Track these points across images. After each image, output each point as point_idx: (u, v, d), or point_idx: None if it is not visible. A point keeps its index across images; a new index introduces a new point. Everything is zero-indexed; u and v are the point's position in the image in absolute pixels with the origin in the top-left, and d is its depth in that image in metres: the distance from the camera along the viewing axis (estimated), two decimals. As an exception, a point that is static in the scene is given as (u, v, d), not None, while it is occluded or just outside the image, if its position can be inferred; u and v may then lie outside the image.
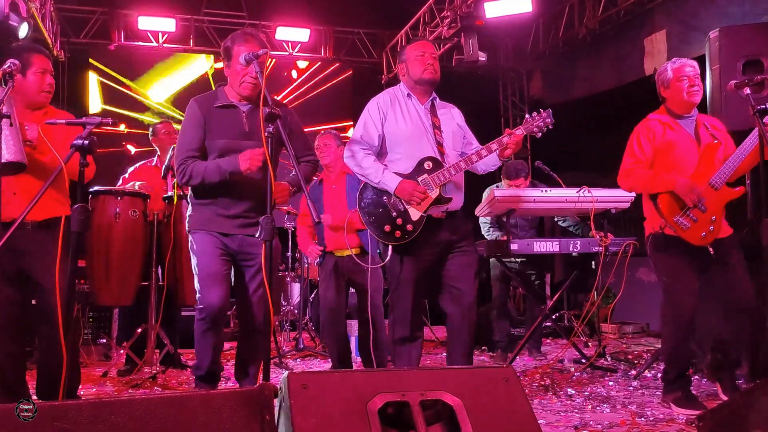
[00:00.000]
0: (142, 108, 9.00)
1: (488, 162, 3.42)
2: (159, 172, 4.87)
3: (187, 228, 3.24)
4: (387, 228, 3.28)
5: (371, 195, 3.35)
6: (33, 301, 4.58)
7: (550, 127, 3.35)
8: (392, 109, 3.40)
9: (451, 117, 3.50)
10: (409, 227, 3.27)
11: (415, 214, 3.27)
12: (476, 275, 3.37)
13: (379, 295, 4.40)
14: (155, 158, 5.10)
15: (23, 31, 5.94)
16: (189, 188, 3.35)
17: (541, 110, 3.36)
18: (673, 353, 3.54)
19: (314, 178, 4.11)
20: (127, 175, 5.09)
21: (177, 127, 4.37)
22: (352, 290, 4.62)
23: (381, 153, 3.41)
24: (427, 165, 3.28)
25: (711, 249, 3.46)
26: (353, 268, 4.26)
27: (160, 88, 9.09)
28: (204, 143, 3.12)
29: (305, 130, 3.52)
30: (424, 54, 3.40)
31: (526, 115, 3.39)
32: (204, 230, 3.13)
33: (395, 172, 3.31)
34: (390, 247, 3.33)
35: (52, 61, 3.34)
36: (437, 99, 3.49)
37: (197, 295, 3.13)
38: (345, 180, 4.42)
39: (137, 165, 5.17)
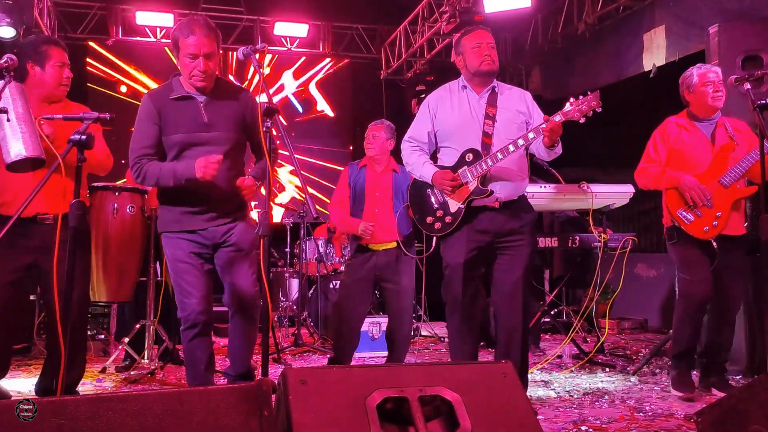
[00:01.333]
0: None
1: (538, 150, 3.33)
2: None
3: (158, 228, 3.14)
4: (429, 219, 3.39)
5: (416, 188, 3.49)
6: (32, 297, 4.58)
7: (598, 110, 3.07)
8: (442, 105, 3.44)
9: (511, 103, 3.41)
10: (448, 219, 3.32)
11: (454, 205, 3.31)
12: (526, 270, 3.33)
13: (412, 294, 4.31)
14: None
15: (6, 32, 5.69)
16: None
17: (589, 93, 3.11)
18: (677, 332, 3.71)
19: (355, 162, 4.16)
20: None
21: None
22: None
23: (436, 148, 3.49)
24: (468, 157, 3.29)
25: (715, 243, 3.62)
26: (388, 263, 4.15)
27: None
28: (160, 139, 3.01)
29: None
30: (480, 45, 3.36)
31: (571, 98, 3.15)
32: (174, 232, 3.04)
33: (441, 165, 3.36)
34: (434, 238, 3.36)
35: (68, 54, 3.33)
36: (498, 86, 3.44)
37: (178, 303, 3.04)
38: (392, 176, 4.27)
39: None
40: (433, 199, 3.39)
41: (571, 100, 3.12)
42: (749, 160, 3.50)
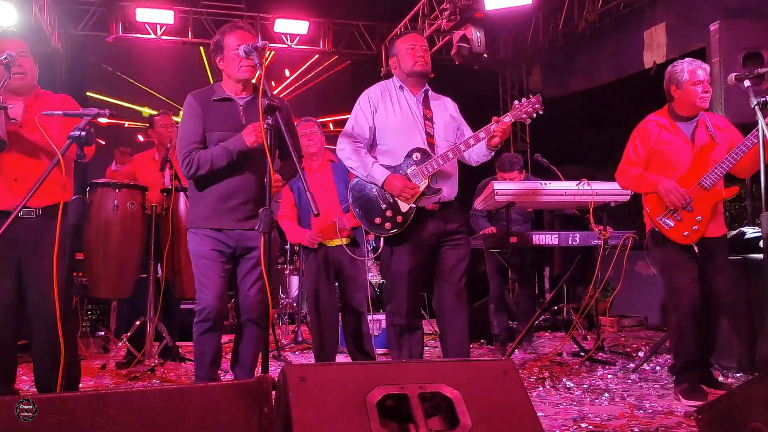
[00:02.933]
0: (145, 99, 8.93)
1: (479, 152, 3.40)
2: (158, 165, 4.87)
3: (186, 223, 3.23)
4: (377, 220, 3.30)
5: (361, 188, 3.37)
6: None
7: (540, 112, 3.28)
8: (383, 101, 3.43)
9: (444, 108, 3.50)
10: (399, 219, 3.28)
11: (404, 206, 3.28)
12: (467, 268, 3.39)
13: (365, 289, 4.34)
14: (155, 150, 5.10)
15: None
16: (188, 183, 3.32)
17: (531, 96, 3.32)
18: (678, 344, 3.60)
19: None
20: (114, 167, 5.08)
21: (176, 119, 4.35)
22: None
23: (372, 144, 3.43)
24: (416, 156, 3.29)
25: (696, 248, 3.53)
26: (343, 258, 4.17)
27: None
28: (205, 135, 3.11)
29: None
30: (414, 47, 3.41)
31: (516, 102, 3.35)
32: (202, 228, 3.10)
33: (384, 164, 3.32)
34: (382, 239, 3.34)
35: (27, 44, 3.27)
36: (430, 91, 3.49)
37: (196, 296, 3.13)
38: (330, 167, 4.33)
39: (134, 156, 5.18)
40: (380, 199, 3.31)
41: (516, 103, 3.33)
42: (729, 161, 3.43)
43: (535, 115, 3.30)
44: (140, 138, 8.45)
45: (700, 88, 3.53)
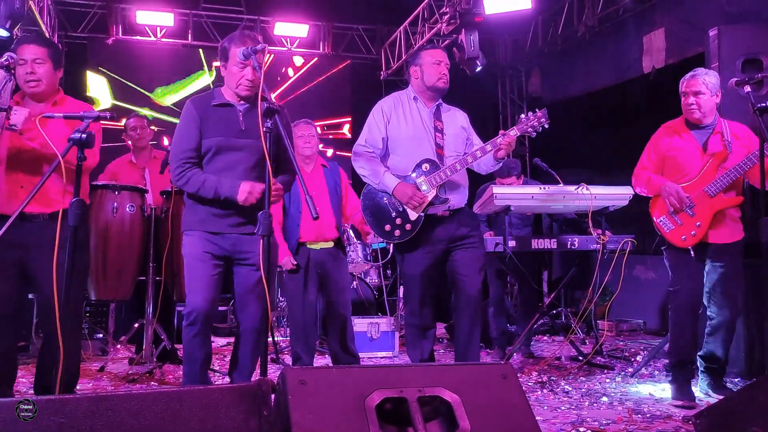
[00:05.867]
0: (148, 103, 8.93)
1: (486, 163, 3.54)
2: (135, 169, 4.92)
3: (182, 227, 3.19)
4: (387, 227, 3.45)
5: (373, 195, 3.52)
6: (30, 296, 4.56)
7: (546, 126, 3.42)
8: (395, 113, 3.55)
9: (455, 120, 3.63)
10: (408, 226, 3.42)
11: (413, 214, 3.42)
12: (481, 269, 3.53)
13: (349, 293, 4.38)
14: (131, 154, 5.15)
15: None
16: None
17: (537, 110, 3.44)
18: (674, 341, 3.69)
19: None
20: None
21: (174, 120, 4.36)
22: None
23: (385, 155, 3.56)
24: (425, 167, 3.44)
25: (693, 252, 3.61)
26: (327, 262, 4.18)
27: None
28: (200, 143, 3.09)
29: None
30: (440, 63, 3.54)
31: (522, 115, 3.48)
32: (197, 231, 3.08)
33: (395, 174, 3.46)
34: (392, 246, 3.43)
35: (47, 50, 3.22)
36: (443, 104, 3.63)
37: (185, 299, 3.09)
38: (322, 171, 4.33)
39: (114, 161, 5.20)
40: (390, 207, 3.47)
41: (522, 116, 3.46)
42: (738, 170, 3.48)
43: (540, 129, 3.42)
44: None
45: (684, 99, 3.64)
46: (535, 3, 6.91)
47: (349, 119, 9.39)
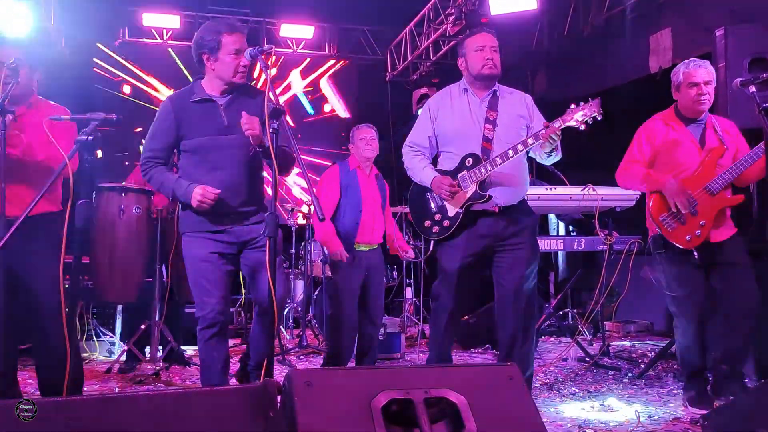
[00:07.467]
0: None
1: (540, 156, 3.32)
2: None
3: (180, 229, 3.14)
4: (427, 223, 3.41)
5: (415, 192, 3.50)
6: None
7: (598, 118, 3.05)
8: (443, 108, 3.45)
9: (513, 107, 3.42)
10: (446, 223, 3.34)
11: (452, 210, 3.33)
12: (525, 274, 3.33)
13: (383, 298, 4.47)
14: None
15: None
16: None
17: (590, 99, 3.09)
18: (684, 353, 3.52)
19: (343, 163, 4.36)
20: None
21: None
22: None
23: (439, 152, 3.50)
24: (468, 162, 3.32)
25: (696, 253, 3.40)
26: (373, 264, 4.31)
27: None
28: (171, 144, 3.06)
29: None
30: (483, 48, 3.37)
31: (572, 105, 3.11)
32: (198, 232, 3.03)
33: (441, 170, 3.39)
34: (432, 241, 3.41)
35: (21, 51, 3.13)
36: (500, 89, 3.44)
37: (196, 302, 3.04)
38: (376, 179, 4.43)
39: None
40: (432, 203, 3.40)
41: (572, 106, 3.09)
42: (739, 167, 3.35)
43: (591, 120, 3.05)
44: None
45: (694, 90, 3.47)
46: (541, 3, 6.90)
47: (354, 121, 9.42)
